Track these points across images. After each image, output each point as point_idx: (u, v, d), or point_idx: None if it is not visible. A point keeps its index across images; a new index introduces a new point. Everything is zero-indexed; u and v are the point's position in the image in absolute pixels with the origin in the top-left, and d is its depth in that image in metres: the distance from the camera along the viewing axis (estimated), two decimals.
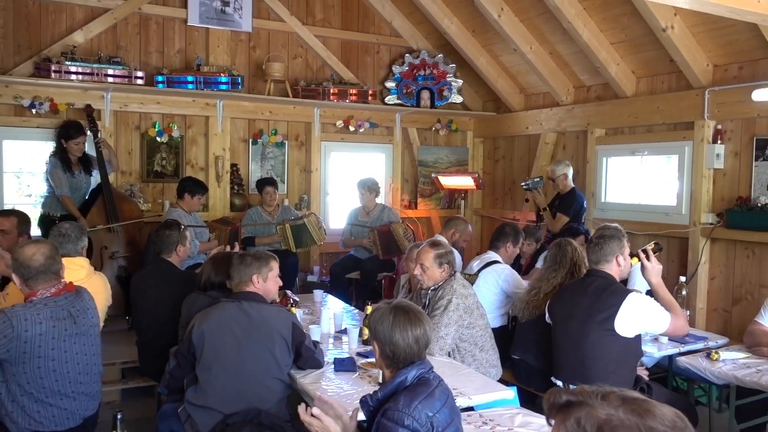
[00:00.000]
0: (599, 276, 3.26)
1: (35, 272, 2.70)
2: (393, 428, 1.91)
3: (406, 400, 1.95)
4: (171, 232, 3.94)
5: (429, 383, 2.04)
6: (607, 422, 1.17)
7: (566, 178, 5.76)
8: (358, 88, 6.91)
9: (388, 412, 1.94)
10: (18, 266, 2.71)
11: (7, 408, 2.67)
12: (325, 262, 6.92)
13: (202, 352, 2.97)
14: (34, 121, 5.71)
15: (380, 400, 2.02)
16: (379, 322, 2.14)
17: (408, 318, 2.12)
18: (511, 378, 3.86)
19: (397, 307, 2.16)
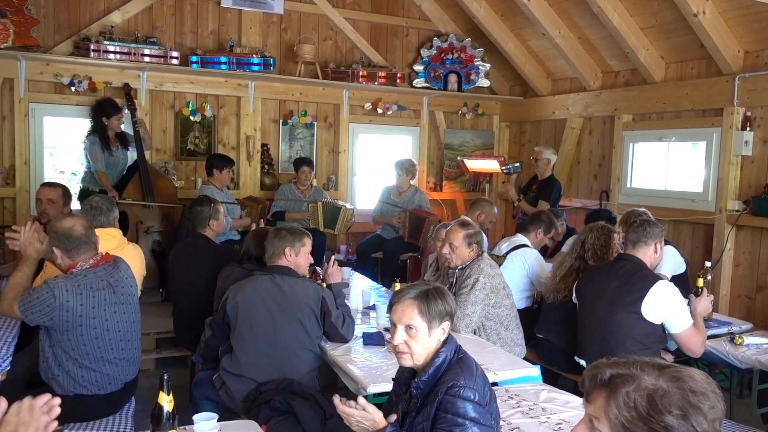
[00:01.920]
0: (630, 260, 3.34)
1: (77, 242, 2.80)
2: (461, 404, 1.89)
3: (467, 375, 1.94)
4: (202, 208, 4.08)
5: (468, 356, 2.06)
6: (656, 392, 1.22)
7: (549, 163, 5.99)
8: (387, 71, 6.97)
9: (452, 389, 1.92)
10: (60, 239, 2.79)
11: (54, 371, 2.81)
12: (351, 241, 7.05)
13: (236, 322, 3.09)
14: (73, 98, 5.88)
15: (429, 382, 2.00)
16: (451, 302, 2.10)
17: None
18: (534, 357, 3.95)
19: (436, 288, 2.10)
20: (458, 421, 1.88)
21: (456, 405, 1.90)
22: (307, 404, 2.82)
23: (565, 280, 3.78)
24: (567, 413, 2.57)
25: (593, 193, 6.52)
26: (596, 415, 1.29)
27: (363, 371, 2.90)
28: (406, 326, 2.02)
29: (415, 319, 2.01)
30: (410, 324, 2.01)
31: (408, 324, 2.02)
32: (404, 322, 2.03)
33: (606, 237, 3.77)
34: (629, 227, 3.44)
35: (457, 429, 1.88)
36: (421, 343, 2.02)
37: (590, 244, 3.76)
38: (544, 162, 6.01)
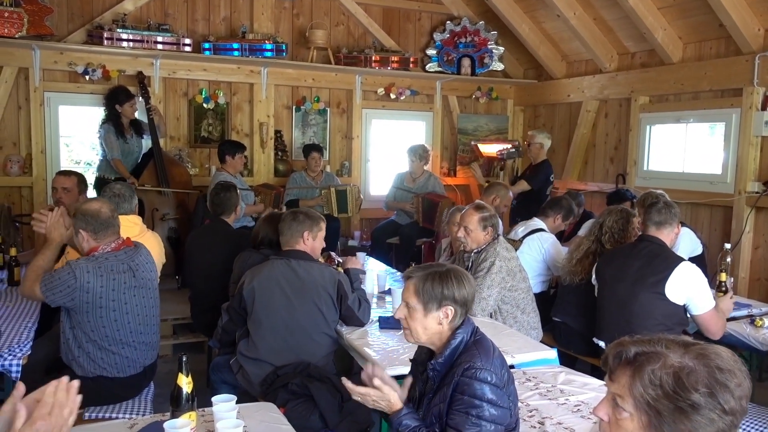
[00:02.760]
0: (652, 242, 3.33)
1: (105, 224, 2.84)
2: (478, 385, 1.88)
3: (483, 357, 1.93)
4: (231, 194, 4.11)
5: (486, 338, 2.05)
6: (682, 369, 1.20)
7: (541, 147, 6.01)
8: (400, 56, 6.93)
9: (468, 371, 1.90)
10: (88, 220, 2.82)
11: (74, 353, 2.84)
12: (365, 227, 7.04)
13: (252, 307, 3.10)
14: (88, 87, 5.91)
15: (446, 363, 1.99)
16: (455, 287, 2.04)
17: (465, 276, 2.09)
18: (551, 341, 3.93)
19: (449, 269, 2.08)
20: (475, 402, 1.87)
21: (472, 386, 1.89)
22: (324, 387, 2.83)
23: (581, 262, 3.75)
24: (585, 395, 2.56)
25: (609, 176, 6.46)
26: (620, 394, 1.27)
27: (379, 354, 2.90)
28: (405, 303, 2.06)
29: (411, 299, 2.04)
30: (408, 302, 2.05)
31: (406, 301, 2.06)
32: (404, 299, 2.07)
33: (624, 221, 3.73)
34: (652, 209, 3.41)
35: (474, 410, 1.87)
36: (418, 322, 2.03)
37: (608, 227, 3.72)
38: (537, 146, 6.01)
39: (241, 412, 2.19)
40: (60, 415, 1.39)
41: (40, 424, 1.36)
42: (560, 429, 2.25)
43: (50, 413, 1.38)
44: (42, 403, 1.39)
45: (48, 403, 1.40)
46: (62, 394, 1.42)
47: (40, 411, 1.38)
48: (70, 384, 1.44)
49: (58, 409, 1.40)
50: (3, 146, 5.76)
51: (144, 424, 2.09)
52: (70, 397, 1.43)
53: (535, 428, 2.26)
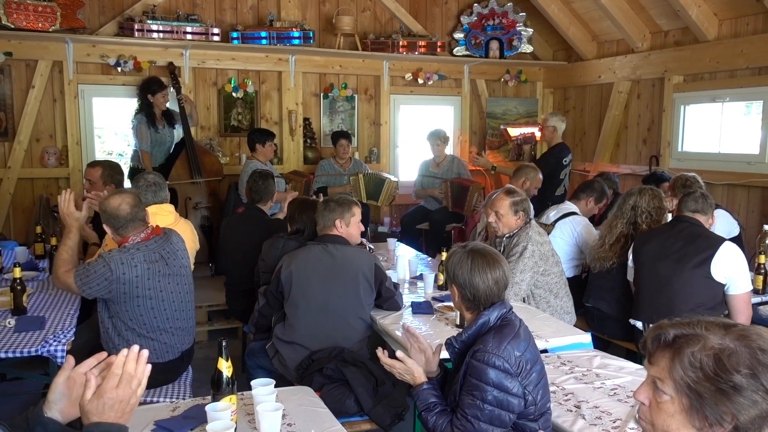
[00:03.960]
0: (692, 222, 3.33)
1: (124, 221, 2.85)
2: (484, 369, 1.89)
3: (495, 342, 1.93)
4: (269, 182, 4.17)
5: (513, 323, 2.04)
6: (722, 351, 1.19)
7: (555, 131, 5.93)
8: (427, 40, 6.88)
9: (477, 353, 1.92)
10: (108, 217, 2.86)
11: (114, 341, 2.91)
12: (395, 213, 7.05)
13: (289, 290, 3.14)
14: (120, 78, 6.00)
15: (465, 342, 2.02)
16: (458, 266, 2.13)
17: (486, 260, 2.11)
18: (584, 325, 3.90)
19: (474, 251, 2.14)
20: (480, 386, 1.90)
21: (479, 370, 1.91)
22: (359, 372, 2.86)
23: (613, 247, 3.70)
24: (622, 379, 2.54)
25: (642, 158, 6.35)
26: (660, 377, 1.26)
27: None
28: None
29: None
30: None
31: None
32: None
33: (658, 200, 3.68)
34: (689, 197, 3.43)
35: (479, 394, 1.89)
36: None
37: (644, 207, 3.66)
38: (550, 129, 5.93)
39: (279, 396, 2.23)
40: (128, 387, 1.39)
41: (108, 396, 1.36)
42: (597, 412, 2.24)
43: (118, 385, 1.37)
44: (110, 374, 1.38)
45: (116, 374, 1.38)
46: (131, 365, 1.41)
47: (108, 383, 1.37)
48: (140, 354, 1.43)
49: (126, 382, 1.38)
50: (40, 138, 5.90)
51: (186, 407, 2.14)
52: (139, 368, 1.42)
53: (572, 412, 2.26)
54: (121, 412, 1.38)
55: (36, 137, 5.87)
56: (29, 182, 5.90)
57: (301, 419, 2.10)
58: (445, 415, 1.98)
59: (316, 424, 2.04)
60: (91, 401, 1.36)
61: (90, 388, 1.37)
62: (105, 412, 1.35)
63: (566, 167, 5.87)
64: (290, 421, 2.08)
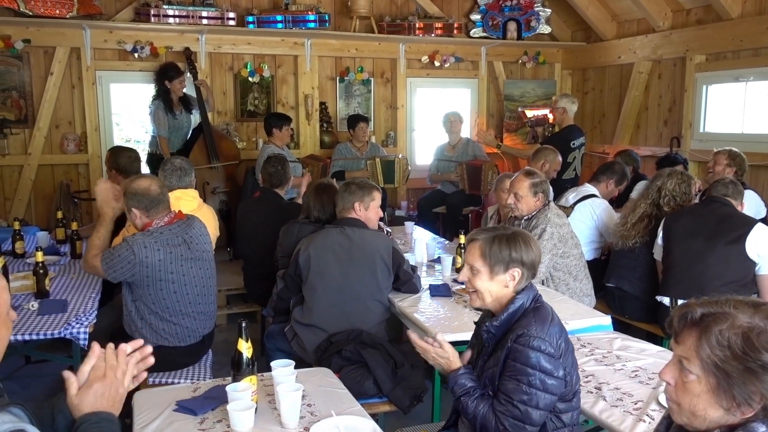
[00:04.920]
0: (724, 203, 3.36)
1: (155, 200, 2.89)
2: (533, 354, 1.86)
3: (538, 325, 1.90)
4: (285, 167, 4.18)
5: (545, 305, 2.02)
6: (752, 329, 1.17)
7: (564, 112, 5.85)
8: (444, 22, 6.81)
9: (521, 338, 1.88)
10: (139, 198, 2.88)
11: (137, 324, 2.94)
12: (412, 197, 7.03)
13: (308, 273, 3.14)
14: (137, 64, 6.02)
15: (502, 327, 1.98)
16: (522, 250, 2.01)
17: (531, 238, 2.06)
18: (604, 308, 3.87)
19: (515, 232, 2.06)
20: (527, 370, 1.86)
21: (525, 354, 1.87)
22: (378, 353, 2.86)
23: (636, 226, 3.68)
24: (643, 361, 2.52)
25: (663, 139, 6.26)
26: (686, 356, 1.24)
27: (431, 321, 2.92)
28: (470, 266, 2.03)
29: (477, 261, 2.01)
30: (473, 265, 2.02)
31: (471, 264, 2.03)
32: (469, 262, 2.04)
33: (686, 185, 3.64)
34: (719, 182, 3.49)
35: (525, 378, 1.86)
36: (484, 285, 2.00)
37: (669, 190, 3.63)
38: (560, 111, 5.85)
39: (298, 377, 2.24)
40: (113, 376, 1.47)
41: (96, 386, 1.44)
42: (618, 394, 2.23)
43: (105, 375, 1.46)
44: (95, 367, 1.48)
45: (101, 366, 1.48)
46: (112, 358, 1.49)
47: (95, 374, 1.47)
48: (119, 348, 1.51)
49: (111, 371, 1.47)
50: (59, 125, 5.95)
51: (206, 388, 2.16)
52: (120, 359, 1.50)
53: (592, 393, 2.24)
54: (112, 400, 1.46)
55: (55, 124, 5.92)
56: (49, 168, 5.96)
57: (321, 400, 2.11)
58: (486, 399, 1.95)
59: (335, 404, 2.04)
60: (80, 394, 1.44)
61: (72, 385, 1.45)
62: (96, 401, 1.44)
63: (575, 150, 5.76)
64: (310, 402, 2.08)
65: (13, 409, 1.26)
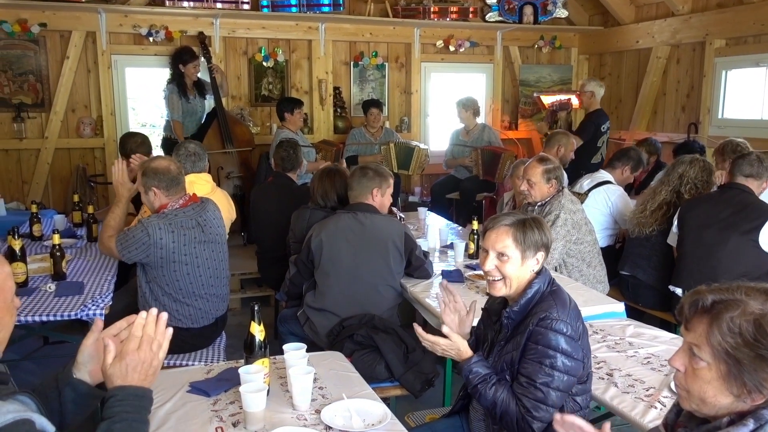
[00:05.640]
0: (742, 189, 3.28)
1: (175, 180, 2.93)
2: (552, 336, 1.85)
3: (560, 308, 1.90)
4: (297, 151, 4.20)
5: (561, 288, 2.02)
6: (763, 316, 1.16)
7: (593, 96, 5.76)
8: (459, 6, 6.76)
9: (544, 320, 1.87)
10: (159, 177, 2.90)
11: (151, 305, 2.92)
12: (425, 183, 7.02)
13: (320, 259, 3.16)
14: (152, 49, 6.03)
15: (521, 311, 1.97)
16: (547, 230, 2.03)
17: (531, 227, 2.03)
18: (617, 295, 3.85)
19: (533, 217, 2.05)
20: (549, 353, 1.86)
21: (547, 337, 1.87)
22: (389, 338, 2.87)
23: (654, 213, 3.64)
24: (656, 347, 2.51)
25: (680, 126, 6.18)
26: (697, 343, 1.24)
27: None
28: (498, 253, 1.98)
29: (509, 247, 1.97)
30: (503, 252, 1.97)
31: (501, 251, 1.98)
32: (497, 249, 1.98)
33: (708, 173, 3.59)
34: (743, 160, 3.35)
35: (547, 360, 1.85)
36: (515, 271, 1.97)
37: (691, 178, 3.58)
38: (588, 95, 5.76)
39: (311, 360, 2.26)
40: (149, 349, 1.40)
41: (130, 359, 1.38)
42: (630, 381, 2.22)
43: (139, 347, 1.39)
44: (130, 337, 1.40)
45: (137, 337, 1.40)
46: (151, 328, 1.42)
47: (129, 345, 1.39)
48: (159, 316, 1.44)
49: (147, 344, 1.40)
50: (75, 109, 5.99)
51: (220, 370, 2.18)
52: (159, 330, 1.43)
53: (604, 380, 2.24)
54: (144, 374, 1.39)
55: (71, 108, 5.96)
56: (66, 152, 6.02)
57: (332, 383, 2.12)
58: (503, 385, 1.94)
59: (346, 387, 2.06)
60: (113, 365, 1.38)
61: (110, 353, 1.39)
62: (128, 374, 1.37)
63: (604, 134, 5.73)
64: (321, 385, 2.10)
65: (21, 397, 1.24)
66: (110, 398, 1.35)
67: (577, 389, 1.93)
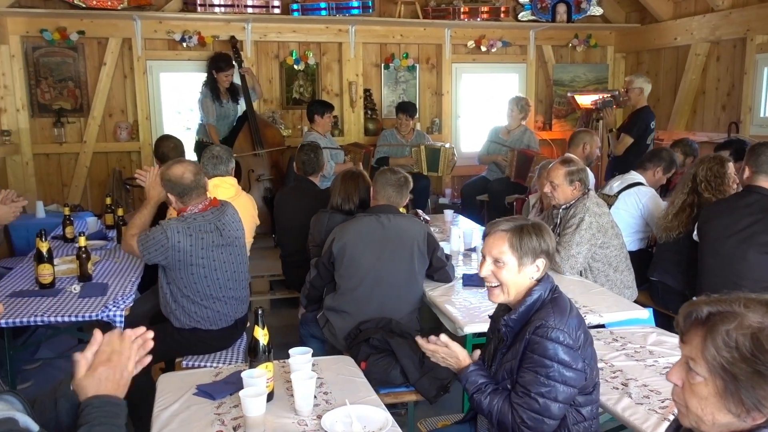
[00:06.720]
0: (761, 193, 3.09)
1: (188, 188, 2.96)
2: (551, 346, 1.81)
3: (557, 316, 1.85)
4: (318, 154, 4.22)
5: (563, 296, 1.97)
6: (762, 330, 1.11)
7: (641, 92, 5.56)
8: (490, 6, 6.68)
9: (540, 329, 1.84)
10: (172, 185, 2.96)
11: (171, 306, 3.03)
12: (456, 184, 6.96)
13: (342, 261, 3.15)
14: (185, 54, 6.16)
15: (520, 319, 1.93)
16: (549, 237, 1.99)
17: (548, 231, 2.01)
18: (647, 300, 3.75)
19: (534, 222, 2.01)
20: (545, 362, 1.81)
21: (543, 346, 1.82)
22: (405, 343, 2.85)
23: (678, 216, 3.53)
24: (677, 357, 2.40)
25: (720, 125, 5.97)
26: (692, 357, 1.18)
27: (461, 312, 2.89)
28: (494, 259, 1.95)
29: (505, 254, 1.93)
30: (498, 258, 1.94)
31: (496, 257, 1.94)
32: (493, 255, 1.95)
33: (719, 166, 3.46)
34: (760, 157, 3.18)
35: (543, 370, 1.81)
36: (511, 278, 1.93)
37: (702, 176, 3.47)
38: (636, 91, 5.58)
39: (320, 365, 2.26)
40: (119, 360, 1.48)
41: (101, 370, 1.45)
42: (645, 391, 2.15)
43: (109, 359, 1.47)
44: (100, 352, 1.48)
45: (105, 351, 1.48)
46: (116, 342, 1.50)
47: (99, 358, 1.47)
48: (123, 333, 1.53)
49: (116, 356, 1.48)
50: (113, 114, 6.15)
51: (227, 373, 2.20)
52: (125, 344, 1.50)
53: (618, 389, 2.17)
54: (116, 384, 1.46)
55: (109, 112, 6.13)
56: (103, 156, 6.19)
57: (338, 388, 2.11)
58: (499, 394, 1.91)
59: (351, 393, 2.05)
60: (86, 377, 1.45)
61: (81, 367, 1.46)
62: (101, 384, 1.44)
63: (653, 132, 5.58)
64: (327, 390, 2.10)
65: (6, 396, 1.29)
66: (87, 407, 1.41)
67: (582, 400, 1.87)
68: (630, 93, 5.65)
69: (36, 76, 5.89)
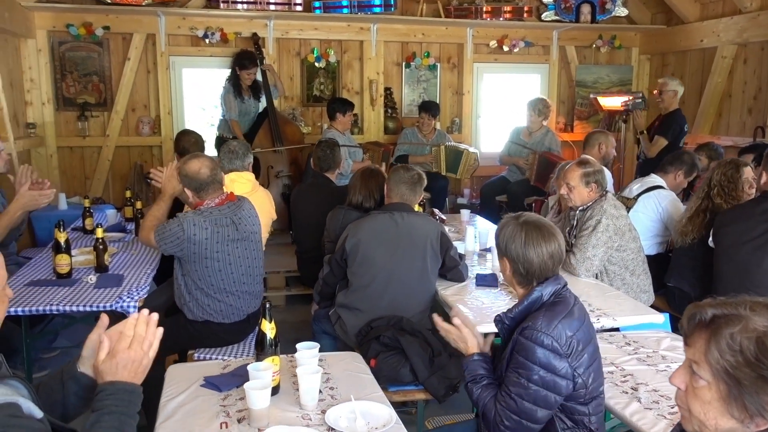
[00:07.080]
0: None
1: (205, 183, 2.99)
2: (532, 347, 1.82)
3: (545, 320, 1.84)
4: (335, 151, 4.23)
5: (567, 301, 1.93)
6: (766, 334, 1.08)
7: (675, 95, 5.47)
8: (513, 5, 6.63)
9: (526, 331, 1.85)
10: (189, 180, 2.99)
11: (185, 298, 3.06)
12: (475, 185, 6.93)
13: (355, 258, 3.15)
14: (208, 50, 6.21)
15: (516, 318, 1.93)
16: (510, 239, 1.99)
17: (541, 233, 1.98)
18: (664, 305, 3.69)
19: (527, 223, 2.01)
20: (527, 364, 1.81)
21: (525, 347, 1.83)
22: (416, 341, 2.84)
23: (692, 221, 3.47)
24: None
25: (746, 129, 5.86)
26: (696, 360, 1.16)
27: (472, 311, 2.87)
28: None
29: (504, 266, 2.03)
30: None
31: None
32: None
33: (733, 171, 3.40)
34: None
35: (524, 372, 1.81)
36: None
37: (716, 180, 3.41)
38: (670, 94, 5.47)
39: (327, 360, 2.27)
40: (139, 348, 1.47)
41: (120, 357, 1.45)
42: (655, 396, 2.12)
43: (130, 346, 1.46)
44: (122, 337, 1.47)
45: (128, 336, 1.47)
46: (141, 328, 1.49)
47: (120, 344, 1.46)
48: (149, 317, 1.51)
49: (138, 343, 1.47)
50: (135, 108, 6.23)
51: (235, 366, 2.21)
52: (149, 330, 1.49)
53: (627, 394, 2.14)
54: (134, 371, 1.45)
55: (132, 107, 6.21)
56: (126, 150, 6.27)
57: (344, 384, 2.11)
58: (491, 389, 1.93)
59: (357, 389, 2.05)
60: (105, 361, 1.45)
61: (103, 350, 1.46)
62: (119, 371, 1.44)
63: (685, 135, 5.52)
64: (332, 385, 2.10)
65: (11, 381, 1.29)
66: (101, 392, 1.41)
67: (575, 409, 1.85)
68: (664, 95, 5.54)
69: (61, 70, 5.99)
